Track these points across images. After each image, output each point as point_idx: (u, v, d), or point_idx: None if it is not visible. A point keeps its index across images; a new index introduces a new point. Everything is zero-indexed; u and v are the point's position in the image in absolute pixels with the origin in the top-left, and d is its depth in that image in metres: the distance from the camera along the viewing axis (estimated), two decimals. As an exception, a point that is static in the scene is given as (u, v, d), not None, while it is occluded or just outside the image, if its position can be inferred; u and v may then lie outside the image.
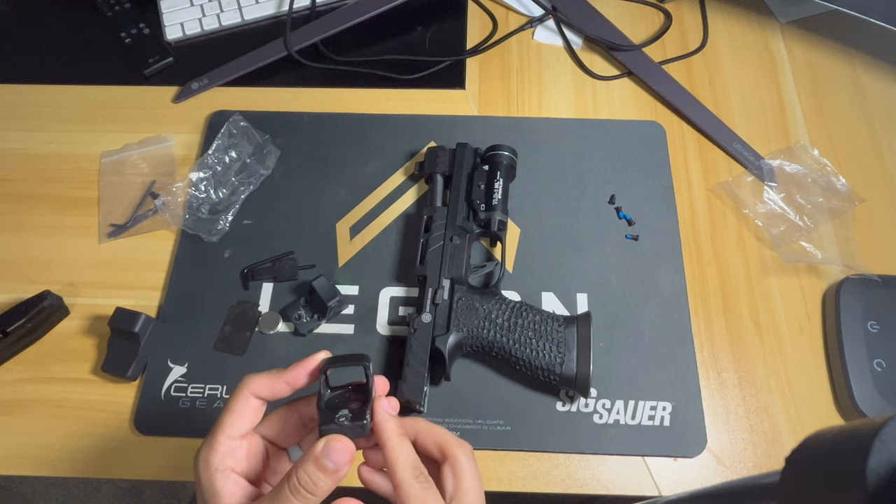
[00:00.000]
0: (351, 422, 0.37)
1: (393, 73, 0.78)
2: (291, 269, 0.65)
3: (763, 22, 0.83)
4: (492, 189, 0.65)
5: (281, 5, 0.83)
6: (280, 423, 0.40)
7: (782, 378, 0.61)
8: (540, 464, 0.57)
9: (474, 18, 0.84)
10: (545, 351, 0.57)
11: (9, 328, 0.60)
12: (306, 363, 0.39)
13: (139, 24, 0.82)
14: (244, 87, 0.78)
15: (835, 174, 0.70)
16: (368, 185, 0.71)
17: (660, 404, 0.59)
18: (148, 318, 0.61)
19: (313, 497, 0.35)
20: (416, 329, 0.58)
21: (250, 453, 0.39)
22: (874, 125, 0.75)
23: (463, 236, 0.63)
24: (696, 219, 0.69)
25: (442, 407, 0.59)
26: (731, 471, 0.57)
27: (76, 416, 0.60)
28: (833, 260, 0.65)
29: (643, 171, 0.71)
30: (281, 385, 0.39)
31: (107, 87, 0.78)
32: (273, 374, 0.39)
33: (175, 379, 0.61)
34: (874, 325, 0.60)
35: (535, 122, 0.75)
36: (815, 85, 0.78)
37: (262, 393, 0.39)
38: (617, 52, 0.79)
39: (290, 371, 0.39)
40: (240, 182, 0.69)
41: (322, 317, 0.62)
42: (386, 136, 0.74)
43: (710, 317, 0.64)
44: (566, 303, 0.64)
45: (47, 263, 0.67)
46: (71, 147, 0.74)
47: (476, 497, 0.38)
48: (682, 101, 0.76)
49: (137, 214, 0.69)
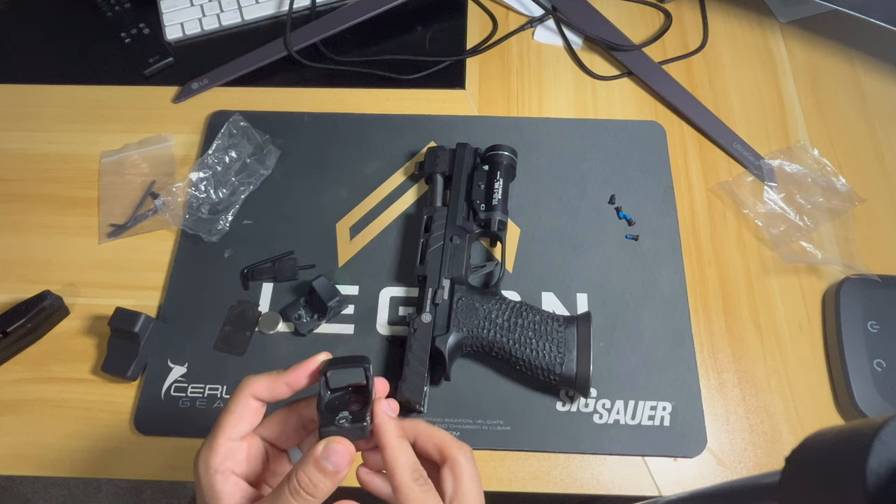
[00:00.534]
0: (351, 423, 0.37)
1: (393, 73, 0.78)
2: (291, 269, 0.65)
3: (763, 22, 0.83)
4: (492, 189, 0.65)
5: (281, 5, 0.83)
6: (280, 425, 0.40)
7: (782, 378, 0.61)
8: (540, 464, 0.57)
9: (474, 18, 0.84)
10: (545, 351, 0.57)
11: (9, 328, 0.60)
12: (306, 364, 0.39)
13: (139, 24, 0.82)
14: (244, 87, 0.78)
15: (835, 174, 0.70)
16: (368, 185, 0.71)
17: (660, 404, 0.59)
18: (148, 318, 0.61)
19: (313, 499, 0.35)
20: (416, 329, 0.58)
21: (250, 455, 0.39)
22: (874, 125, 0.75)
23: (463, 236, 0.63)
24: (696, 219, 0.69)
25: (442, 407, 0.59)
26: (731, 471, 0.57)
27: (76, 416, 0.60)
28: (833, 260, 0.65)
29: (643, 171, 0.71)
30: (281, 386, 0.39)
31: (107, 87, 0.78)
32: (273, 376, 0.39)
33: (175, 379, 0.61)
34: (874, 325, 0.60)
35: (535, 122, 0.75)
36: (815, 85, 0.78)
37: (261, 394, 0.39)
38: (617, 52, 0.79)
39: (291, 372, 0.39)
40: (240, 182, 0.69)
41: (322, 317, 0.62)
42: (386, 136, 0.74)
43: (710, 317, 0.64)
44: (566, 303, 0.64)
45: (47, 263, 0.67)
46: (71, 147, 0.74)
47: (476, 499, 0.38)
48: (682, 101, 0.76)
49: (137, 214, 0.69)
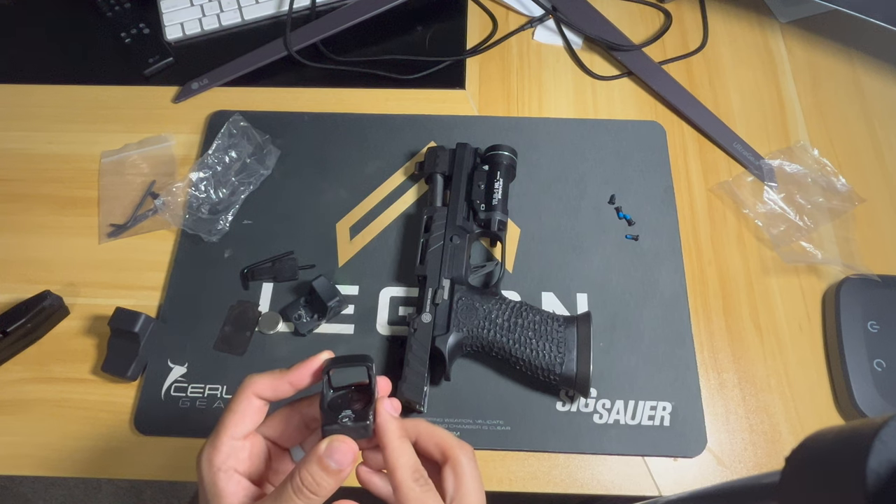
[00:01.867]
0: (354, 422, 0.37)
1: (393, 73, 0.78)
2: (291, 269, 0.65)
3: (763, 22, 0.83)
4: (492, 189, 0.65)
5: (281, 5, 0.83)
6: (282, 424, 0.40)
7: (782, 378, 0.61)
8: (540, 464, 0.57)
9: (474, 18, 0.84)
10: (545, 351, 0.57)
11: (9, 328, 0.60)
12: (309, 363, 0.39)
13: (139, 24, 0.82)
14: (244, 87, 0.78)
15: (835, 174, 0.70)
16: (368, 185, 0.71)
17: (660, 404, 0.59)
18: (148, 318, 0.61)
19: (316, 497, 0.35)
20: (416, 329, 0.58)
21: (253, 454, 0.39)
22: (874, 125, 0.75)
23: (463, 236, 0.63)
24: (696, 219, 0.69)
25: (442, 407, 0.59)
26: (731, 471, 0.57)
27: (76, 416, 0.60)
28: (833, 260, 0.65)
29: (643, 171, 0.71)
30: (284, 385, 0.39)
31: (107, 87, 0.78)
32: (276, 375, 0.39)
33: (175, 379, 0.61)
34: (874, 325, 0.60)
35: (535, 122, 0.75)
36: (815, 85, 0.78)
37: (264, 393, 0.39)
38: (617, 52, 0.79)
39: (294, 371, 0.39)
40: (240, 182, 0.69)
41: (322, 317, 0.62)
42: (386, 136, 0.74)
43: (710, 317, 0.64)
44: (566, 303, 0.64)
45: (47, 263, 0.67)
46: (71, 147, 0.74)
47: (477, 498, 0.38)
48: (682, 101, 0.76)
49: (137, 214, 0.69)
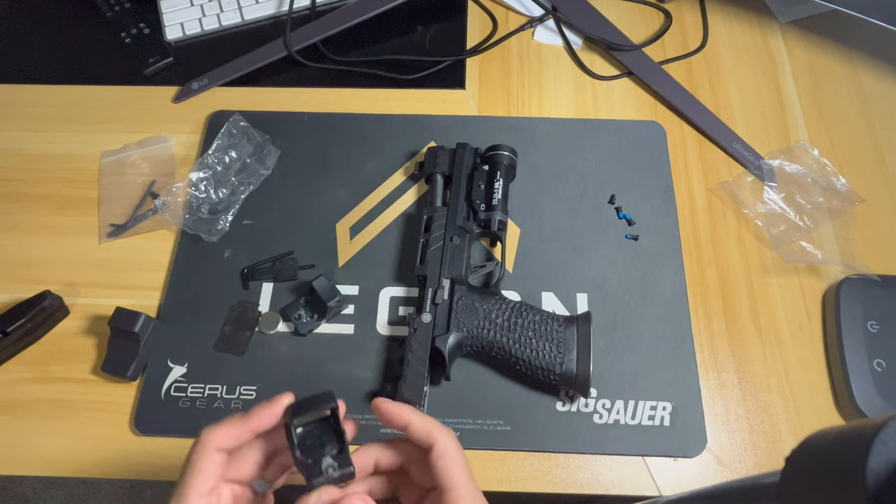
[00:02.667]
0: (338, 470, 0.38)
1: (393, 73, 0.78)
2: (291, 269, 0.65)
3: (763, 22, 0.83)
4: (492, 189, 0.65)
5: (281, 5, 0.83)
6: (245, 465, 0.39)
7: (782, 378, 0.61)
8: (540, 464, 0.57)
9: (474, 18, 0.84)
10: (545, 351, 0.57)
11: (9, 328, 0.60)
12: (270, 409, 0.39)
13: (139, 24, 0.82)
14: (244, 87, 0.78)
15: (835, 174, 0.70)
16: (368, 185, 0.71)
17: (660, 404, 0.59)
18: (148, 318, 0.61)
19: None
20: (416, 329, 0.58)
21: (221, 502, 0.38)
22: (874, 125, 0.75)
23: (463, 236, 0.63)
24: (696, 219, 0.69)
25: (442, 407, 0.59)
26: (731, 471, 0.57)
27: (76, 416, 0.60)
28: (833, 260, 0.65)
29: (643, 171, 0.71)
30: (245, 434, 0.38)
31: (107, 87, 0.78)
32: (235, 424, 0.38)
33: (175, 379, 0.61)
34: (874, 325, 0.60)
35: (535, 122, 0.75)
36: (815, 85, 0.78)
37: (225, 445, 0.38)
38: (617, 52, 0.79)
39: (253, 418, 0.38)
40: (240, 182, 0.69)
41: (322, 317, 0.62)
42: (386, 136, 0.74)
43: (710, 317, 0.64)
44: (566, 303, 0.64)
45: (47, 263, 0.67)
46: (71, 147, 0.74)
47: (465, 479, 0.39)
48: (682, 101, 0.76)
49: (137, 214, 0.69)
